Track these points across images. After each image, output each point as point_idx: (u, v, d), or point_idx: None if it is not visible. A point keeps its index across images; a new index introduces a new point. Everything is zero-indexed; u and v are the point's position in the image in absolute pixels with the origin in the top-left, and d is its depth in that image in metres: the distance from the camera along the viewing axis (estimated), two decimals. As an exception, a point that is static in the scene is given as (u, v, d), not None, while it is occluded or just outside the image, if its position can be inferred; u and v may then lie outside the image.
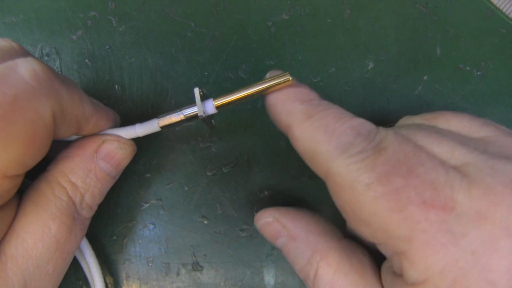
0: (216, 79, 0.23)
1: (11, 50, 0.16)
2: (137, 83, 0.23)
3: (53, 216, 0.16)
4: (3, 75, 0.14)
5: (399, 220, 0.12)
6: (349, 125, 0.14)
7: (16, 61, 0.15)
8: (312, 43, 0.24)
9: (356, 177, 0.13)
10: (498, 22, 0.24)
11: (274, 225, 0.18)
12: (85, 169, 0.18)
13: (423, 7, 0.25)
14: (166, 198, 0.22)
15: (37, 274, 0.16)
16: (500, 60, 0.24)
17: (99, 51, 0.24)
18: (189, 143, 0.23)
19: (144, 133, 0.18)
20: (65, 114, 0.16)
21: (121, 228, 0.22)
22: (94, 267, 0.20)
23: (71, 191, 0.17)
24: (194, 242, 0.22)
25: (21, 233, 0.16)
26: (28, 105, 0.14)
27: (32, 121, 0.14)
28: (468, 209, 0.12)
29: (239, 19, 0.24)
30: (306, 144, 0.15)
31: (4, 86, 0.14)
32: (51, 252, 0.16)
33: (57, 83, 0.15)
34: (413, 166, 0.13)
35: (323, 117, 0.15)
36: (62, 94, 0.15)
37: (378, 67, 0.24)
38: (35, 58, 0.15)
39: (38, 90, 0.14)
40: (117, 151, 0.18)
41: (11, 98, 0.14)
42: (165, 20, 0.24)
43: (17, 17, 0.24)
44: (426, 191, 0.12)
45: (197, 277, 0.22)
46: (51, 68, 0.16)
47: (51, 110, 0.15)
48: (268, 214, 0.19)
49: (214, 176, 0.22)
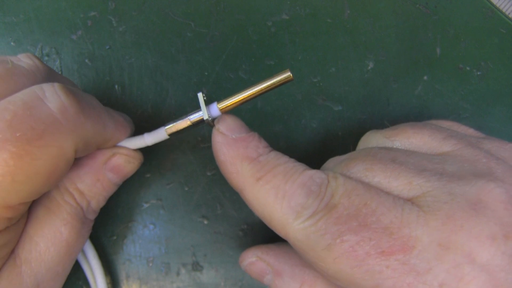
0: (216, 79, 0.23)
1: (35, 69, 0.16)
2: (137, 83, 0.23)
3: (64, 222, 0.17)
4: (32, 107, 0.14)
5: (363, 273, 0.12)
6: (299, 184, 0.14)
7: (44, 88, 0.15)
8: (312, 43, 0.24)
9: (314, 241, 0.13)
10: (498, 22, 0.24)
11: (258, 264, 0.18)
12: (93, 179, 0.18)
13: (423, 7, 0.25)
14: (166, 198, 0.22)
15: (48, 275, 0.16)
16: (500, 60, 0.24)
17: (99, 51, 0.24)
18: (189, 143, 0.23)
19: (153, 142, 0.19)
20: (88, 145, 0.16)
21: (121, 228, 0.22)
22: (97, 268, 0.20)
23: (78, 198, 0.18)
24: (194, 242, 0.22)
25: (34, 237, 0.16)
26: (54, 141, 0.14)
27: (56, 157, 0.14)
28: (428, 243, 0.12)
29: (239, 19, 0.24)
30: (260, 208, 0.15)
31: (33, 120, 0.13)
32: (62, 254, 0.17)
33: (83, 116, 0.15)
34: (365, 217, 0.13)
35: (271, 178, 0.15)
36: (87, 127, 0.15)
37: (378, 67, 0.24)
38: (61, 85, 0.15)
39: (64, 126, 0.14)
40: (126, 165, 0.19)
41: (39, 133, 0.13)
42: (165, 20, 0.24)
43: (17, 17, 0.24)
44: (381, 239, 0.12)
45: (197, 277, 0.22)
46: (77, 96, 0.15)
47: (75, 146, 0.15)
48: (251, 254, 0.19)
49: (214, 176, 0.22)
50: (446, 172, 0.14)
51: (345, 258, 0.13)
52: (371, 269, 0.12)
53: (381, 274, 0.12)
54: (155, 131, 0.18)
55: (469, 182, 0.13)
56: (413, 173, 0.14)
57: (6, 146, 0.13)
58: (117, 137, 0.18)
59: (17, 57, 0.17)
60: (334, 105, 0.23)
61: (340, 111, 0.23)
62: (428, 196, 0.13)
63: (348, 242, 0.13)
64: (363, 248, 0.12)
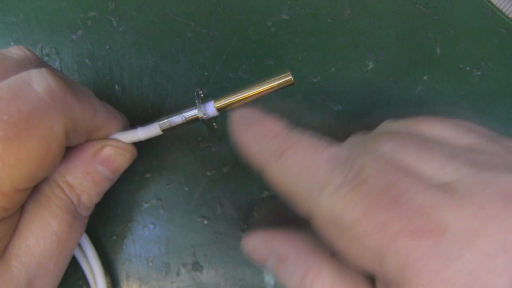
0: (216, 79, 0.23)
1: (25, 59, 0.16)
2: (137, 83, 0.23)
3: (53, 214, 0.16)
4: (18, 90, 0.14)
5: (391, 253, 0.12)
6: (324, 158, 0.14)
7: (30, 73, 0.15)
8: (312, 43, 0.24)
9: (340, 216, 0.13)
10: (498, 22, 0.24)
11: (262, 249, 0.18)
12: (82, 172, 0.18)
13: (423, 7, 0.25)
14: (166, 198, 0.22)
15: (39, 271, 0.16)
16: (500, 60, 0.24)
17: (99, 51, 0.24)
18: (189, 143, 0.23)
19: (146, 136, 0.18)
20: (78, 128, 0.16)
21: (121, 228, 0.22)
22: (96, 268, 0.20)
23: (68, 191, 0.17)
24: (194, 242, 0.22)
25: (24, 232, 0.16)
26: (42, 122, 0.14)
27: (46, 138, 0.14)
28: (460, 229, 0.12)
29: (239, 19, 0.24)
30: (282, 185, 0.14)
31: (19, 102, 0.14)
32: (53, 249, 0.16)
33: (71, 97, 0.15)
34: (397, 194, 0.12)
35: (294, 152, 0.14)
36: (75, 109, 0.15)
37: (378, 67, 0.24)
38: (49, 69, 0.15)
39: (52, 106, 0.14)
40: (116, 157, 0.18)
41: (26, 115, 0.13)
42: (165, 20, 0.24)
43: (17, 17, 0.24)
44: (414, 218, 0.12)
45: (197, 277, 0.22)
46: (65, 80, 0.15)
47: (64, 126, 0.15)
48: (254, 239, 0.18)
49: (214, 176, 0.22)
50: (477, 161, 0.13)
51: (373, 234, 0.12)
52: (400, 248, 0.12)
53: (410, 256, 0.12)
54: (149, 126, 0.18)
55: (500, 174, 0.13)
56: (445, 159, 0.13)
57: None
58: (108, 126, 0.18)
59: (8, 49, 0.17)
60: (334, 105, 0.23)
61: (340, 111, 0.23)
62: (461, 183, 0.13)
63: (380, 218, 0.12)
64: (395, 225, 0.12)
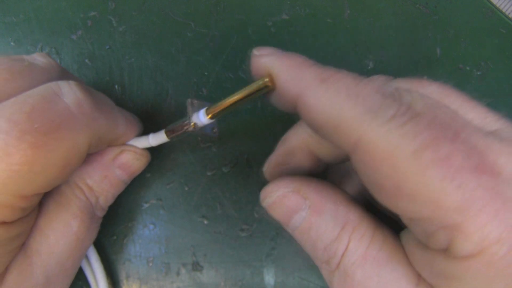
0: (216, 79, 0.23)
1: (50, 68, 0.17)
2: (137, 83, 0.23)
3: (74, 215, 0.17)
4: (50, 101, 0.14)
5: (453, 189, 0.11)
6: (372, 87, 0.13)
7: (60, 85, 0.15)
8: (312, 43, 0.24)
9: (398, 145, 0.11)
10: (498, 22, 0.24)
11: (293, 197, 0.15)
12: (101, 175, 0.18)
13: (423, 7, 0.24)
14: (166, 198, 0.22)
15: (57, 269, 0.17)
16: (500, 60, 0.24)
17: (99, 51, 0.24)
18: (189, 143, 0.23)
19: (156, 143, 0.19)
20: (101, 139, 0.17)
21: (121, 228, 0.22)
22: (97, 268, 0.20)
23: (88, 193, 0.18)
24: (194, 242, 0.22)
25: (45, 230, 0.16)
26: (69, 134, 0.14)
27: (71, 149, 0.15)
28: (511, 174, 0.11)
29: (239, 19, 0.24)
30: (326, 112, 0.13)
31: (51, 113, 0.14)
32: (71, 248, 0.17)
33: (97, 112, 0.16)
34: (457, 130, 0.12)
35: (339, 79, 0.13)
36: (100, 122, 0.16)
37: (378, 67, 0.24)
38: (76, 82, 0.16)
39: (79, 120, 0.15)
40: (134, 162, 0.19)
41: (56, 125, 0.14)
42: (165, 20, 0.24)
43: (17, 17, 0.24)
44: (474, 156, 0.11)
45: (197, 277, 0.22)
46: (91, 93, 0.16)
47: (88, 139, 0.15)
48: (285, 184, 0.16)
49: (214, 176, 0.22)
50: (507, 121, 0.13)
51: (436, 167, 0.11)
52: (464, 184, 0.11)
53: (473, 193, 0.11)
54: (158, 133, 0.19)
55: None
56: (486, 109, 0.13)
57: (25, 137, 0.13)
58: (128, 134, 0.19)
59: (33, 56, 0.17)
60: (334, 105, 0.23)
61: (340, 111, 0.23)
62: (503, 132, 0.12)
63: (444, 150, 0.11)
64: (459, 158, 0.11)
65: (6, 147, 0.13)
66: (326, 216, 0.15)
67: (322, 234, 0.15)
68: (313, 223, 0.15)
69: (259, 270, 0.22)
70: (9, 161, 0.13)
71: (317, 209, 0.15)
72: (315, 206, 0.15)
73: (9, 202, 0.14)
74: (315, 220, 0.15)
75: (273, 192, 0.16)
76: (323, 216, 0.15)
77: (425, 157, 0.11)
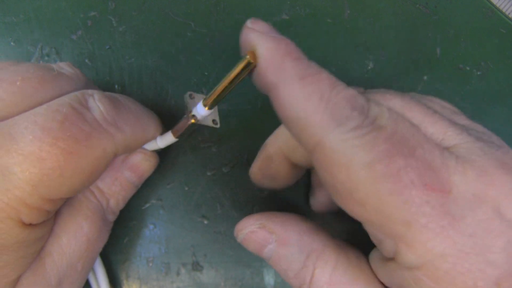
0: (216, 79, 0.23)
1: (75, 78, 0.18)
2: (137, 83, 0.23)
3: (85, 216, 0.18)
4: (80, 111, 0.15)
5: (400, 203, 0.12)
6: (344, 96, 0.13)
7: (85, 96, 0.16)
8: (312, 43, 0.24)
9: (354, 155, 0.12)
10: (498, 22, 0.24)
11: (261, 232, 0.17)
12: (111, 177, 0.19)
13: (423, 7, 0.25)
14: (166, 198, 0.22)
15: (69, 271, 0.17)
16: (500, 60, 0.24)
17: (99, 51, 0.24)
18: (189, 143, 0.23)
19: (164, 144, 0.19)
20: (128, 146, 0.17)
21: (121, 228, 0.22)
22: (98, 268, 0.20)
23: (99, 195, 0.18)
24: (194, 242, 0.22)
25: (57, 231, 0.17)
26: (98, 143, 0.15)
27: (98, 158, 0.15)
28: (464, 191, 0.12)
29: (239, 19, 0.24)
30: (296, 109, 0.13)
31: (81, 123, 0.15)
32: (82, 250, 0.17)
33: (122, 122, 0.17)
34: (413, 146, 0.12)
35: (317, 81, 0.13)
36: (126, 131, 0.17)
37: (378, 67, 0.24)
38: (100, 94, 0.16)
39: (106, 130, 0.16)
40: (143, 163, 0.20)
41: (87, 134, 0.15)
42: (165, 20, 0.24)
43: (17, 17, 0.24)
44: (426, 173, 0.12)
45: (197, 277, 0.22)
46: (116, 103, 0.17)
47: (115, 149, 0.16)
48: (253, 221, 0.17)
49: (214, 176, 0.22)
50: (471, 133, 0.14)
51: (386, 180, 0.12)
52: (410, 200, 0.11)
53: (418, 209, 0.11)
54: (165, 135, 0.19)
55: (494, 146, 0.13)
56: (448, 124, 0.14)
57: (58, 143, 0.14)
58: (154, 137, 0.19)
59: (59, 65, 0.18)
60: (334, 105, 0.23)
61: (340, 111, 0.23)
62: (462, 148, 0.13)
63: (395, 165, 0.12)
64: (409, 175, 0.12)
65: (40, 152, 0.14)
66: (291, 247, 0.16)
67: (290, 264, 0.16)
68: (281, 254, 0.16)
69: (259, 270, 0.22)
70: (42, 165, 0.14)
71: (282, 241, 0.16)
72: (280, 239, 0.16)
73: (38, 204, 0.14)
74: (282, 251, 0.16)
75: (243, 229, 0.17)
76: (288, 248, 0.16)
77: (377, 170, 0.12)
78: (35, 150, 0.14)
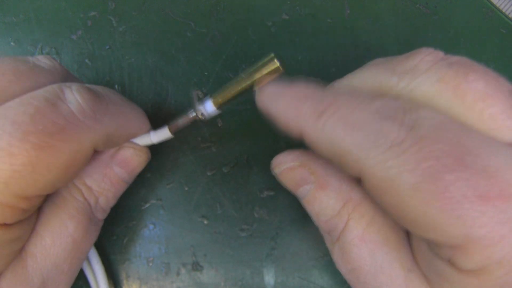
0: (216, 79, 0.23)
1: (53, 70, 0.17)
2: (137, 83, 0.23)
3: (70, 216, 0.17)
4: (54, 103, 0.14)
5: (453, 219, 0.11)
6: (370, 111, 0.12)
7: (62, 87, 0.15)
8: (312, 43, 0.24)
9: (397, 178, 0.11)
10: (498, 22, 0.24)
11: (300, 171, 0.16)
12: (100, 174, 0.18)
13: (423, 7, 0.25)
14: (166, 198, 0.22)
15: (54, 272, 0.16)
16: (500, 60, 0.24)
17: (99, 51, 0.24)
18: (189, 143, 0.23)
19: (158, 140, 0.19)
20: (111, 140, 0.16)
21: (121, 228, 0.22)
22: (98, 269, 0.20)
23: (86, 193, 0.18)
24: (194, 242, 0.22)
25: (40, 232, 0.16)
26: (73, 136, 0.14)
27: (75, 152, 0.15)
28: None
29: (239, 19, 0.24)
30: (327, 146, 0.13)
31: (55, 115, 0.14)
32: (68, 250, 0.17)
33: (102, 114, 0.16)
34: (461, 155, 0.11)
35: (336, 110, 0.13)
36: (107, 124, 0.16)
37: (378, 67, 0.24)
38: (79, 85, 0.16)
39: (83, 123, 0.15)
40: (133, 158, 0.19)
41: (60, 128, 0.14)
42: (165, 20, 0.24)
43: (17, 17, 0.24)
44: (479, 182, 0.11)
45: (197, 277, 0.22)
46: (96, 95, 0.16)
47: (93, 143, 0.15)
48: (293, 158, 0.16)
49: (214, 176, 0.22)
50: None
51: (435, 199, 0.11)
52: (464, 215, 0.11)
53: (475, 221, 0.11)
54: (159, 130, 0.19)
55: None
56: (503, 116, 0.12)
57: (29, 137, 0.13)
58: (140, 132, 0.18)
59: (37, 58, 0.17)
60: (334, 105, 0.23)
61: (340, 111, 0.23)
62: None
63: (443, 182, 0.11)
64: (460, 189, 0.11)
65: (9, 147, 0.13)
66: (329, 191, 0.15)
67: (324, 208, 0.15)
68: (317, 197, 0.15)
69: (259, 270, 0.22)
70: (12, 161, 0.13)
71: (322, 185, 0.15)
72: (320, 182, 0.15)
73: (11, 202, 0.14)
74: (319, 194, 0.15)
75: (281, 164, 0.16)
76: (326, 191, 0.15)
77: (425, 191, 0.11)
78: (4, 145, 0.13)
